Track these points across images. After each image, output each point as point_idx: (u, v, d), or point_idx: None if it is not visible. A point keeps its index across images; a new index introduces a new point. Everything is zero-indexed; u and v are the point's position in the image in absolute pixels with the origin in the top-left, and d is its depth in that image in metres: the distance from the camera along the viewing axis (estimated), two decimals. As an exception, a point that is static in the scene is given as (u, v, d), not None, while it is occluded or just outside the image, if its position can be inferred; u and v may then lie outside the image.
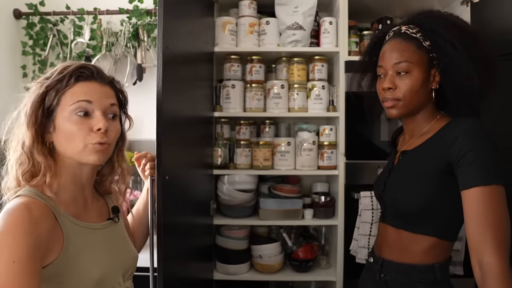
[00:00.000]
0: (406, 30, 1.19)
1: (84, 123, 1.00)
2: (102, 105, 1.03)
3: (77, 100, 0.99)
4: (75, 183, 1.06)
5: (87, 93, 1.01)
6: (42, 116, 0.99)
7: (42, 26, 2.44)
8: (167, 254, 1.21)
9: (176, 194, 1.38)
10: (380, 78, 1.23)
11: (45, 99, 0.99)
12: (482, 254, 0.98)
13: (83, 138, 0.99)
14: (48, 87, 0.99)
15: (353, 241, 1.93)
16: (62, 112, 0.99)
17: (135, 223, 1.35)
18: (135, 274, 1.17)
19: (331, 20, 2.11)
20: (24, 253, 0.84)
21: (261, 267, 2.12)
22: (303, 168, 2.11)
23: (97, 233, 1.07)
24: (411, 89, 1.16)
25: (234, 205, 2.10)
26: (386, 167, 1.35)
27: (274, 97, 2.11)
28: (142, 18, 2.38)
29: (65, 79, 0.99)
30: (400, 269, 1.19)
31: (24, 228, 0.86)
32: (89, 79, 1.03)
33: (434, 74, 1.17)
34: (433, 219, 1.14)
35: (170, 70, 1.27)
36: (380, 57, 1.23)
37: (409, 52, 1.16)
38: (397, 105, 1.19)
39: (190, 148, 1.68)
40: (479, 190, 1.01)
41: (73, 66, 1.02)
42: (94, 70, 1.04)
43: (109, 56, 2.38)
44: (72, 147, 1.00)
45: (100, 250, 1.05)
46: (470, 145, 1.05)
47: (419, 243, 1.16)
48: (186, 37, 1.56)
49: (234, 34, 2.13)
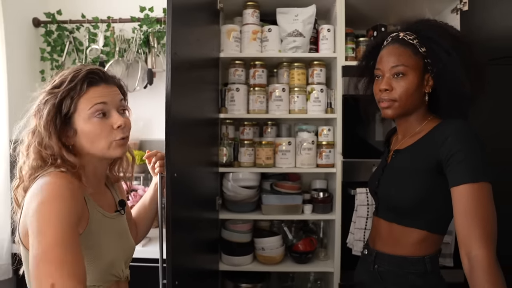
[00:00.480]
0: (403, 36, 1.19)
1: (105, 123, 1.03)
2: (115, 103, 1.06)
3: (94, 103, 1.01)
4: (96, 176, 1.09)
5: (101, 96, 1.03)
6: (60, 123, 1.00)
7: (59, 34, 2.46)
8: (176, 247, 1.22)
9: (184, 191, 1.38)
10: (377, 80, 1.23)
11: (62, 107, 0.99)
12: (470, 247, 0.98)
13: (107, 137, 1.03)
14: (62, 95, 0.99)
15: (350, 235, 1.93)
16: (80, 116, 1.01)
17: (140, 215, 1.37)
18: (145, 265, 1.18)
19: (329, 27, 2.11)
20: (71, 218, 0.86)
21: (264, 259, 2.12)
22: (303, 166, 2.11)
23: (110, 221, 1.10)
24: (407, 91, 1.16)
25: (238, 200, 2.10)
26: (380, 165, 1.34)
27: (276, 99, 2.11)
28: (153, 26, 2.39)
29: (78, 86, 1.00)
30: (393, 261, 1.19)
31: (69, 194, 0.89)
32: (99, 83, 1.04)
33: (428, 79, 1.18)
34: (424, 213, 1.14)
35: (178, 74, 1.27)
36: (378, 61, 1.23)
37: (406, 57, 1.16)
38: (392, 106, 1.19)
39: (197, 147, 1.68)
40: (468, 187, 1.01)
41: (82, 73, 1.02)
42: (101, 73, 1.06)
43: (121, 61, 2.39)
44: (97, 146, 1.03)
45: (113, 237, 1.08)
46: (459, 146, 1.05)
47: (410, 236, 1.16)
48: (193, 44, 1.56)
49: (238, 40, 2.13)
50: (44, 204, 0.86)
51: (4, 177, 2.01)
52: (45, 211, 0.85)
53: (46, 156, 0.98)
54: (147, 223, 1.39)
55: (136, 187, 2.22)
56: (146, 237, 1.92)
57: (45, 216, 0.84)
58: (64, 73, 1.04)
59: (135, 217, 1.36)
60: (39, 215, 0.84)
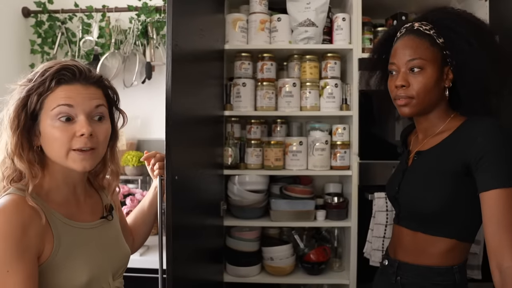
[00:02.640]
0: (419, 26, 1.18)
1: (67, 129, 0.97)
2: (85, 108, 1.00)
3: (57, 104, 0.97)
4: (67, 184, 1.06)
5: (69, 97, 0.98)
6: (25, 120, 0.97)
7: (50, 24, 2.47)
8: (176, 256, 1.22)
9: (186, 195, 1.38)
10: (392, 75, 1.22)
11: (27, 103, 0.97)
12: (502, 258, 0.97)
13: (65, 144, 0.97)
14: (30, 90, 0.97)
15: (367, 243, 1.92)
16: (46, 116, 0.98)
17: (137, 220, 1.37)
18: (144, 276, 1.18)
19: (344, 16, 2.10)
20: (13, 257, 0.87)
21: (272, 270, 2.11)
22: (316, 168, 2.10)
23: (89, 232, 1.07)
24: (425, 86, 1.15)
25: (245, 206, 2.10)
26: (399, 168, 1.33)
27: (286, 95, 2.11)
28: (151, 16, 2.40)
29: (46, 82, 0.97)
30: (418, 272, 1.18)
31: (12, 233, 0.88)
32: (71, 82, 1.00)
33: (447, 72, 1.17)
34: (451, 220, 1.13)
35: (180, 68, 1.27)
36: (392, 54, 1.22)
37: (423, 49, 1.15)
38: (410, 103, 1.18)
39: (200, 147, 1.69)
40: (499, 192, 1.00)
41: (54, 68, 0.99)
42: (77, 71, 1.01)
43: (117, 54, 2.40)
44: (55, 153, 0.99)
45: (91, 250, 1.06)
46: (489, 147, 1.04)
47: (437, 245, 1.15)
48: (196, 35, 1.56)
49: (244, 31, 2.13)
50: None
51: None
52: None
53: (8, 161, 0.98)
54: (145, 230, 1.39)
55: (133, 191, 2.22)
56: (144, 245, 1.93)
57: None
58: (42, 66, 1.01)
59: (132, 223, 1.36)
60: None
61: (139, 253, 1.89)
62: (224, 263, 2.13)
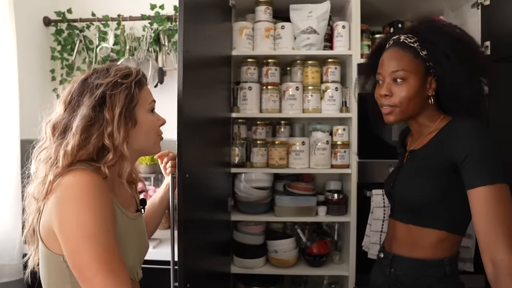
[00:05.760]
0: (404, 39, 1.19)
1: (155, 119, 1.11)
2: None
3: (152, 99, 1.10)
4: (120, 175, 1.08)
5: (151, 94, 1.12)
6: (127, 114, 1.02)
7: (69, 33, 2.49)
8: (187, 249, 1.22)
9: (196, 191, 1.39)
10: (379, 84, 1.23)
11: (133, 98, 1.03)
12: (494, 251, 0.97)
13: (157, 133, 1.12)
14: (132, 87, 1.03)
15: (365, 237, 1.92)
16: (143, 108, 1.06)
17: (148, 214, 1.37)
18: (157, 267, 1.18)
19: (344, 24, 2.09)
20: (109, 219, 0.90)
21: (276, 262, 2.12)
22: (317, 166, 2.10)
23: (132, 222, 1.10)
24: (407, 96, 1.16)
25: (251, 202, 2.11)
26: (396, 166, 1.34)
27: (289, 98, 2.11)
28: (163, 24, 2.41)
29: (142, 80, 1.08)
30: (410, 264, 1.19)
31: (104, 194, 0.91)
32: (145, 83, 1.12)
33: (431, 82, 1.17)
34: (440, 213, 1.14)
35: (190, 73, 1.28)
36: (380, 65, 1.23)
37: (406, 61, 1.16)
38: (393, 111, 1.19)
39: (209, 147, 1.69)
40: (486, 189, 1.01)
41: (137, 69, 1.08)
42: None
43: (132, 60, 2.41)
44: (149, 141, 1.09)
45: (133, 240, 1.08)
46: (473, 146, 1.05)
47: (428, 237, 1.15)
48: (205, 42, 1.56)
49: (250, 38, 2.13)
50: (79, 209, 0.87)
51: (16, 177, 2.03)
52: (84, 216, 0.86)
53: (94, 146, 0.97)
54: (155, 223, 1.40)
55: (146, 188, 2.23)
56: (157, 238, 1.94)
57: (85, 221, 0.86)
58: (119, 67, 1.05)
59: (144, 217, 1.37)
60: (77, 220, 0.86)
61: (152, 246, 1.90)
62: (231, 255, 2.14)
